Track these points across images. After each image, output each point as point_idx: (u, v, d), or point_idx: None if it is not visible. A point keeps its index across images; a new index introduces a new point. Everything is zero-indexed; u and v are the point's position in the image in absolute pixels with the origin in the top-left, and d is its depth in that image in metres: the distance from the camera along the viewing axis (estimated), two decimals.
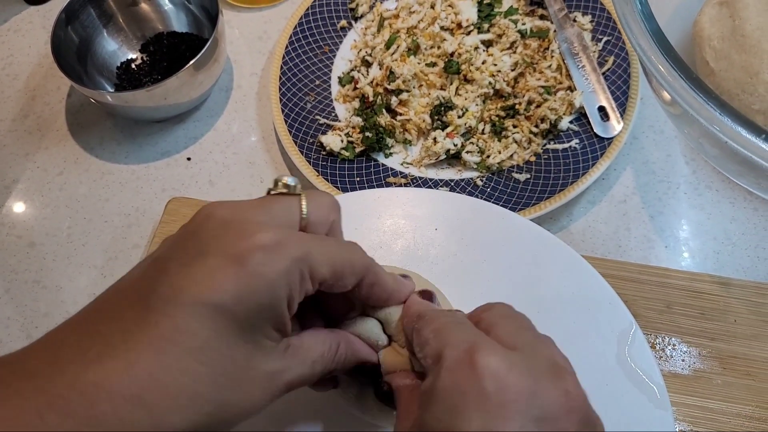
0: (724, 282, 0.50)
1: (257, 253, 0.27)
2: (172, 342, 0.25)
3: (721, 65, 0.53)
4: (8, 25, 0.73)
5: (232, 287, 0.26)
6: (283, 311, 0.28)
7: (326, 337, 0.32)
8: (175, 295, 0.26)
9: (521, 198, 0.55)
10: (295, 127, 0.60)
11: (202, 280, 0.26)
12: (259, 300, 0.27)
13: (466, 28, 0.63)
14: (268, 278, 0.27)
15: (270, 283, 0.27)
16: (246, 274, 0.27)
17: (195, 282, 0.26)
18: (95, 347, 0.25)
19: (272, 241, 0.27)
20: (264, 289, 0.27)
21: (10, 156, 0.65)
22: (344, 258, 0.31)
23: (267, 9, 0.71)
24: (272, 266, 0.27)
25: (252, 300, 0.27)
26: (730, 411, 0.45)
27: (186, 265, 0.27)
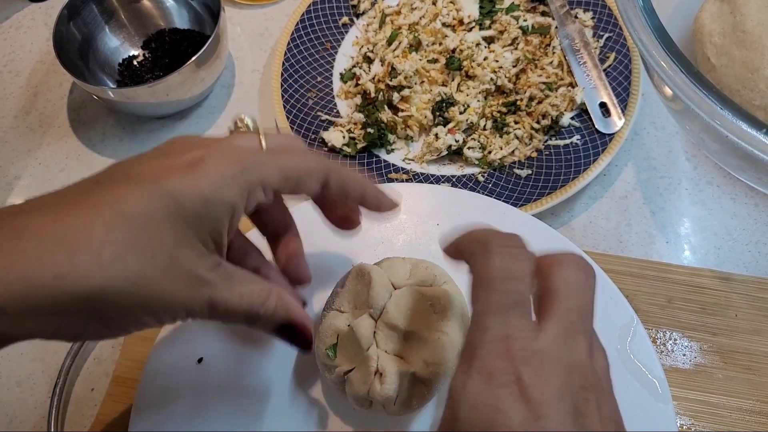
0: (725, 277, 0.50)
1: (209, 159, 0.30)
2: (108, 206, 0.28)
3: (722, 61, 0.53)
4: (10, 21, 0.74)
5: (185, 181, 0.29)
6: (222, 218, 0.30)
7: (260, 282, 0.34)
8: (135, 175, 0.29)
9: (523, 194, 0.55)
10: (297, 123, 0.60)
11: (162, 169, 0.29)
12: (205, 196, 0.29)
13: (467, 25, 0.63)
14: (215, 180, 0.30)
15: (216, 184, 0.30)
16: (196, 175, 0.29)
17: (157, 170, 0.29)
18: (40, 206, 0.28)
19: (226, 151, 0.31)
20: (210, 189, 0.29)
21: (12, 152, 0.65)
22: (298, 164, 0.33)
23: (269, 6, 0.72)
24: (222, 171, 0.30)
25: (199, 195, 0.29)
26: (731, 405, 0.45)
27: (155, 158, 0.30)
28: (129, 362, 0.50)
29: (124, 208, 0.28)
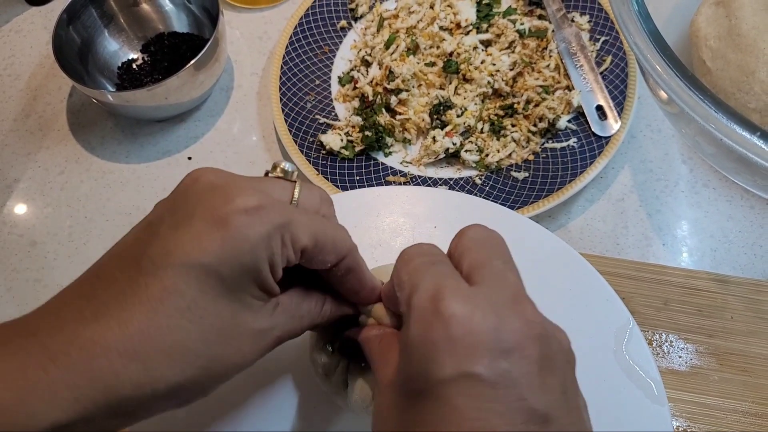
0: (721, 279, 0.50)
1: (241, 216, 0.28)
2: (161, 301, 0.27)
3: (718, 64, 0.53)
4: (10, 25, 0.74)
5: (216, 248, 0.28)
6: (265, 272, 0.30)
7: (313, 294, 0.34)
8: (164, 257, 0.28)
9: (520, 196, 0.55)
10: (295, 126, 0.60)
11: (189, 242, 0.28)
12: (241, 260, 0.28)
13: (465, 28, 0.63)
14: (250, 240, 0.28)
15: (252, 244, 0.29)
16: (229, 236, 0.28)
17: (182, 244, 0.28)
18: (91, 308, 0.27)
19: (255, 204, 0.29)
20: (246, 250, 0.28)
21: (11, 155, 0.65)
22: (327, 232, 0.32)
23: (267, 9, 0.72)
24: (254, 228, 0.29)
25: (235, 260, 0.28)
26: (727, 407, 0.45)
27: (174, 227, 0.28)
28: None
29: (179, 302, 0.27)
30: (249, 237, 0.28)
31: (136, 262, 0.28)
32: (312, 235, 0.31)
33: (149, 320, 0.27)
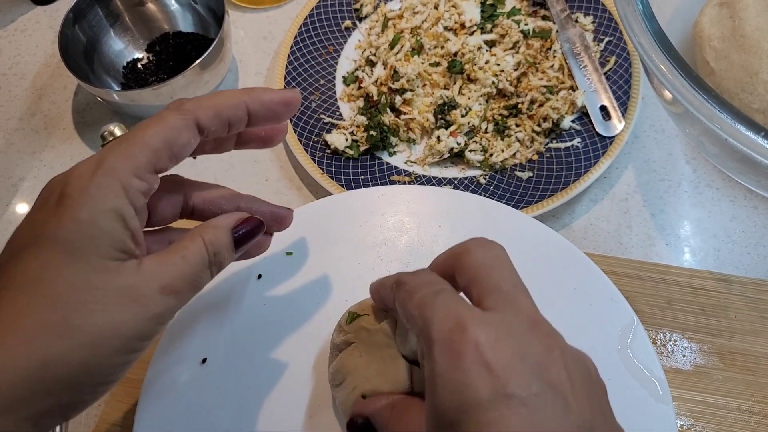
0: (725, 279, 0.50)
1: (69, 189, 0.30)
2: (15, 282, 0.29)
3: (721, 65, 0.53)
4: (15, 24, 0.74)
5: (52, 224, 0.30)
6: (113, 231, 0.30)
7: (184, 240, 0.34)
8: (20, 241, 0.31)
9: (524, 196, 0.55)
10: (300, 125, 0.61)
11: (39, 222, 0.30)
12: (82, 231, 0.30)
13: (469, 29, 0.63)
14: (85, 205, 0.30)
15: (87, 209, 0.30)
16: (63, 213, 0.30)
17: (33, 226, 0.31)
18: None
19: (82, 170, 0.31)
20: (85, 217, 0.30)
21: (17, 154, 0.65)
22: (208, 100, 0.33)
23: (272, 9, 0.72)
24: (86, 192, 0.30)
25: (75, 233, 0.30)
26: (731, 406, 0.46)
27: (28, 217, 0.31)
28: None
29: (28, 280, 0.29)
30: (86, 197, 0.30)
31: (6, 249, 0.31)
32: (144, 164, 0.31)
33: (9, 305, 0.29)
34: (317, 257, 0.49)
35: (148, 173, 0.32)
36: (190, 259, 0.33)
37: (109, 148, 0.32)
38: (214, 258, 0.34)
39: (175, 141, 0.32)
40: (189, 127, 0.33)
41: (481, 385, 0.26)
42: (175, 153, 0.32)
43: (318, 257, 0.49)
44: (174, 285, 0.32)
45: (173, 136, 0.32)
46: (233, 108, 0.34)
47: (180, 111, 0.33)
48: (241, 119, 0.35)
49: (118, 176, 0.31)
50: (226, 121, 0.34)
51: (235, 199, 0.39)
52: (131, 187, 0.31)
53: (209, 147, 0.38)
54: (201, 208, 0.38)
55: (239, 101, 0.34)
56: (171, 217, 0.38)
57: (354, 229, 0.50)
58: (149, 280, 0.31)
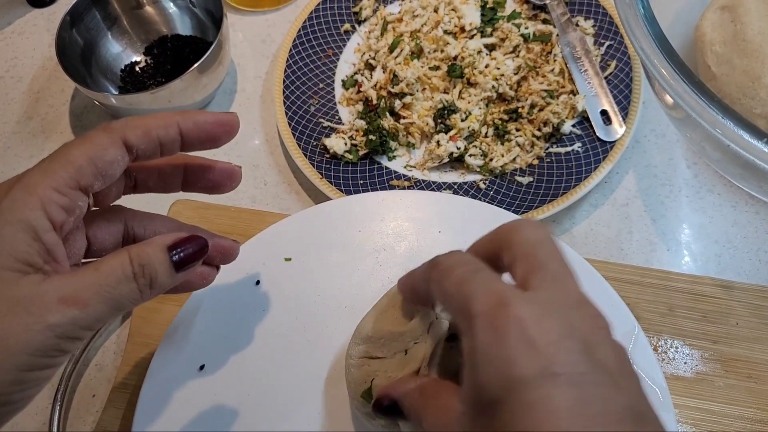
0: (726, 285, 0.50)
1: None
2: None
3: (723, 70, 0.53)
4: (12, 27, 0.74)
5: (5, 241, 0.29)
6: (18, 243, 0.30)
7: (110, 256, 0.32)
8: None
9: (524, 201, 0.55)
10: (298, 130, 0.60)
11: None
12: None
13: (469, 32, 0.63)
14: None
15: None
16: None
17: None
18: None
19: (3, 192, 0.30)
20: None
21: (14, 158, 0.65)
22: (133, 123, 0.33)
23: (271, 12, 0.72)
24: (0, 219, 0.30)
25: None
26: (732, 413, 0.45)
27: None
28: (131, 369, 0.50)
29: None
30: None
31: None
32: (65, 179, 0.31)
33: None
34: (316, 263, 0.49)
35: (70, 189, 0.31)
36: (103, 270, 0.31)
37: (31, 168, 0.32)
38: (140, 270, 0.32)
39: (100, 158, 0.32)
40: (115, 144, 0.32)
41: (526, 362, 0.25)
42: (100, 170, 0.32)
43: (317, 262, 0.49)
44: (77, 295, 0.30)
45: (98, 153, 0.32)
46: (164, 127, 0.34)
47: (107, 129, 0.33)
48: (172, 139, 0.34)
49: (36, 190, 0.30)
50: (156, 140, 0.34)
51: (178, 229, 0.38)
52: (50, 201, 0.30)
53: (153, 183, 0.38)
54: (142, 238, 0.38)
55: (170, 121, 0.34)
56: (111, 247, 0.37)
57: (353, 234, 0.50)
58: (48, 291, 0.30)
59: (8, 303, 0.29)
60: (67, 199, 0.31)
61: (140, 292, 0.32)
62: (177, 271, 0.33)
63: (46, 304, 0.29)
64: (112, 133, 0.32)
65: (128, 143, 0.33)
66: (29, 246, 0.30)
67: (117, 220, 0.38)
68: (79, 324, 0.30)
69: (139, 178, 0.38)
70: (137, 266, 0.32)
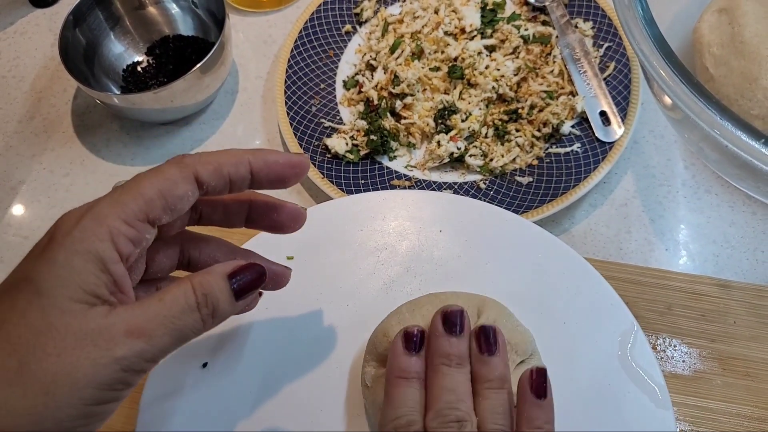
0: (724, 284, 0.50)
1: (56, 233, 0.30)
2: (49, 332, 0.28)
3: (721, 71, 0.53)
4: (15, 27, 0.74)
5: (32, 265, 0.30)
6: (88, 275, 0.30)
7: (172, 287, 0.32)
8: (4, 284, 0.31)
9: (524, 201, 0.55)
10: (300, 129, 0.61)
11: (23, 265, 0.31)
12: (56, 274, 0.29)
13: (469, 33, 0.64)
14: (68, 250, 0.30)
15: (67, 254, 0.30)
16: (47, 256, 0.30)
17: (18, 270, 0.31)
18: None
19: (73, 222, 0.31)
20: (61, 260, 0.29)
21: (16, 157, 0.65)
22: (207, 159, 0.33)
23: (272, 13, 0.72)
24: (69, 237, 0.30)
25: (51, 274, 0.29)
26: (730, 411, 0.46)
27: (20, 262, 0.31)
28: None
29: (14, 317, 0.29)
30: (69, 241, 0.30)
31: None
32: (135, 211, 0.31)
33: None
34: (318, 261, 0.49)
35: (138, 221, 0.31)
36: (167, 300, 0.31)
37: (103, 196, 0.32)
38: (203, 300, 0.32)
39: (170, 192, 0.32)
40: (187, 179, 0.32)
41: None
42: (170, 204, 0.32)
43: (318, 261, 0.49)
44: (142, 327, 0.30)
45: (169, 187, 0.32)
46: (235, 165, 0.34)
47: (179, 164, 0.33)
48: (243, 177, 0.34)
49: (106, 221, 0.30)
50: (227, 178, 0.33)
51: (232, 253, 0.39)
52: (118, 232, 0.30)
53: (217, 218, 0.38)
54: (197, 261, 0.38)
55: (242, 159, 0.34)
56: (168, 269, 0.37)
57: (354, 233, 0.50)
58: (115, 324, 0.29)
59: (75, 336, 0.29)
60: (135, 231, 0.31)
61: (203, 322, 0.32)
62: (237, 300, 0.33)
63: (113, 336, 0.29)
64: (184, 168, 0.32)
65: (199, 179, 0.33)
66: (97, 278, 0.30)
67: (175, 244, 0.37)
68: (144, 356, 0.30)
69: (204, 212, 0.38)
70: (200, 296, 0.32)
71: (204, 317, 0.32)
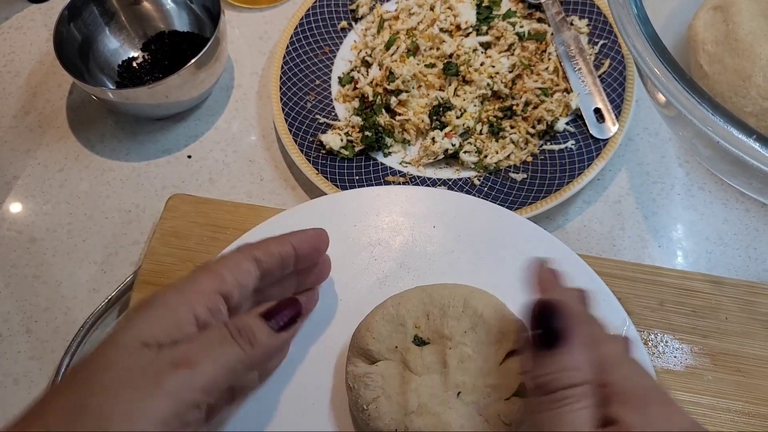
0: (716, 281, 0.51)
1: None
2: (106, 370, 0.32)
3: (715, 69, 0.54)
4: (10, 22, 0.74)
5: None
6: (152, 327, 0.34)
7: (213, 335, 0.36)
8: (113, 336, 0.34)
9: (518, 197, 0.55)
10: (295, 125, 0.61)
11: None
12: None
13: (464, 30, 0.64)
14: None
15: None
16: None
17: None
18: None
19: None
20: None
21: (10, 152, 0.65)
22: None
23: (268, 9, 0.72)
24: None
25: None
26: (721, 406, 0.46)
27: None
28: None
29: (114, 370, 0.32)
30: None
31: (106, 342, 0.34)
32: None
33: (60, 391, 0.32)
34: None
35: (214, 293, 0.37)
36: (207, 333, 0.35)
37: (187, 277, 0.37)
38: (236, 331, 0.35)
39: (237, 271, 0.38)
40: (247, 259, 0.39)
41: None
42: (239, 280, 0.38)
43: None
44: (187, 358, 0.33)
45: (236, 268, 0.38)
46: (280, 243, 0.41)
47: (239, 250, 0.40)
48: (288, 253, 0.41)
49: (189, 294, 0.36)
50: (278, 255, 0.40)
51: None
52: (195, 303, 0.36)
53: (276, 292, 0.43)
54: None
55: (284, 239, 0.41)
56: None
57: (349, 228, 0.50)
58: (163, 357, 0.33)
59: (129, 373, 0.32)
60: (210, 302, 0.36)
61: (243, 350, 0.35)
62: (278, 332, 0.37)
63: (161, 368, 0.32)
64: (243, 252, 0.39)
65: (257, 258, 0.39)
66: (163, 330, 0.34)
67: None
68: (192, 385, 0.32)
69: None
70: (233, 328, 0.35)
71: (242, 345, 0.35)
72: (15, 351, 0.54)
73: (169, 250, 0.55)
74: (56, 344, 0.54)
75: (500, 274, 0.47)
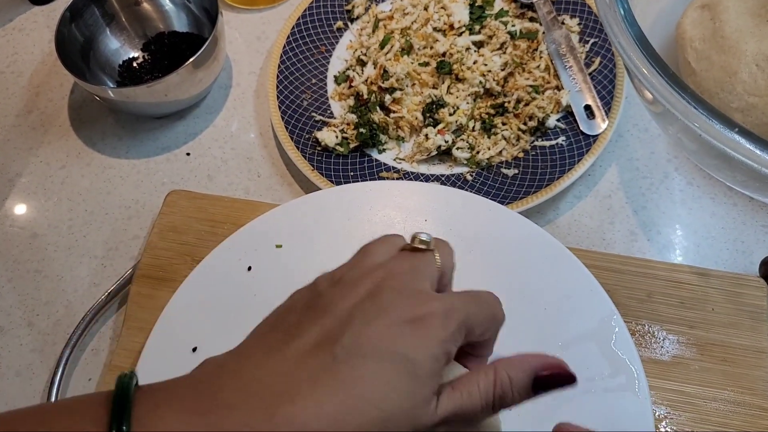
0: (703, 273, 0.51)
1: (433, 319, 0.31)
2: (354, 387, 0.29)
3: (702, 65, 0.55)
4: (13, 24, 0.75)
5: (411, 344, 0.30)
6: (443, 367, 0.31)
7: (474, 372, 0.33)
8: (358, 347, 0.30)
9: (509, 192, 0.56)
10: (291, 123, 0.62)
11: (384, 336, 0.30)
12: (434, 355, 0.30)
13: (457, 30, 0.65)
14: (441, 338, 0.31)
15: (441, 342, 0.31)
16: (423, 334, 0.30)
17: (377, 337, 0.30)
18: (286, 388, 0.29)
19: (443, 309, 0.32)
20: (436, 347, 0.30)
21: (13, 150, 0.66)
22: (488, 314, 0.35)
23: (266, 10, 0.73)
24: (445, 329, 0.31)
25: (429, 356, 0.30)
26: (707, 395, 0.47)
27: (367, 323, 0.31)
28: (125, 352, 0.51)
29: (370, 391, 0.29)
30: (440, 336, 0.31)
31: (328, 349, 0.30)
32: (482, 322, 0.34)
33: (340, 404, 0.28)
34: (306, 249, 0.50)
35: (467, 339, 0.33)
36: (474, 394, 0.32)
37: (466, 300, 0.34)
38: (499, 402, 0.33)
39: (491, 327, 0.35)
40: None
41: None
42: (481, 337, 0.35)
43: (307, 249, 0.50)
44: (446, 417, 0.31)
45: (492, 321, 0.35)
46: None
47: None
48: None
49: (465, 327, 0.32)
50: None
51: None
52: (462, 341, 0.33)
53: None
54: None
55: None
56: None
57: (342, 222, 0.51)
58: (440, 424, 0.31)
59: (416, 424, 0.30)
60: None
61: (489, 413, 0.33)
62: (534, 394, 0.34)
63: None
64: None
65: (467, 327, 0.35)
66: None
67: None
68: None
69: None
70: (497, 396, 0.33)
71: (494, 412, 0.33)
72: (17, 344, 0.56)
73: (167, 244, 0.56)
74: (57, 337, 0.55)
75: (489, 266, 0.48)
